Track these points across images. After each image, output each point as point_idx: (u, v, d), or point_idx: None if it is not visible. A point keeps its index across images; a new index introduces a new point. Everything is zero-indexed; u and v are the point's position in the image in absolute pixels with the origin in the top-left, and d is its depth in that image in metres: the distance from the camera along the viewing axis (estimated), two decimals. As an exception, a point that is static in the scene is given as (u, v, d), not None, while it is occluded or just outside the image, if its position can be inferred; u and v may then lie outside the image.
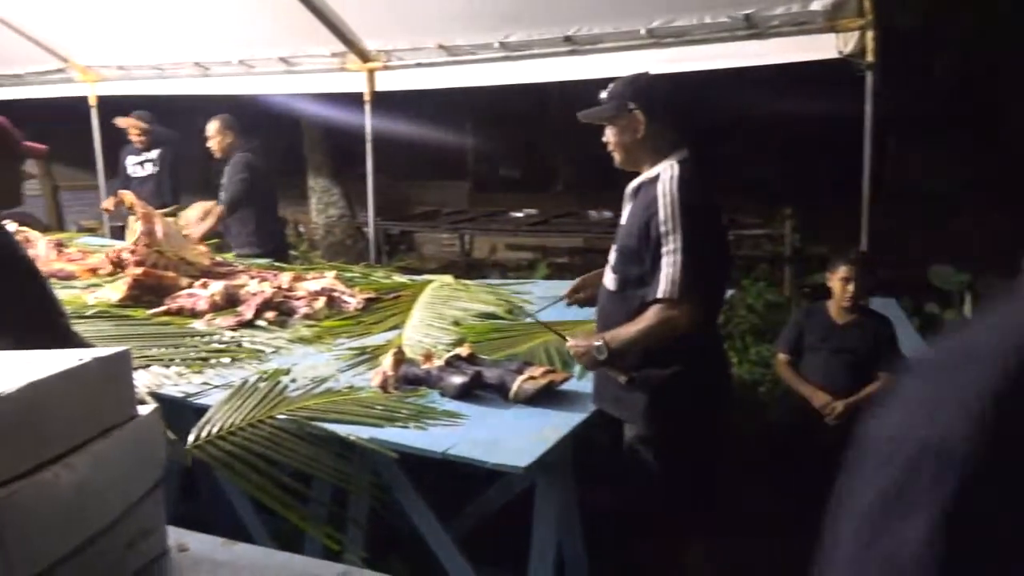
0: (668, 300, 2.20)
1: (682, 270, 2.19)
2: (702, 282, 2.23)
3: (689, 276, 2.19)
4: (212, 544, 1.39)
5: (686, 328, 2.22)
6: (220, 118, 5.43)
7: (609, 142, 2.44)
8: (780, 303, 6.07)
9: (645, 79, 2.47)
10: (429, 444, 2.25)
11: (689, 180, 2.28)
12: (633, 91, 2.37)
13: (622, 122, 2.37)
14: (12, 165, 2.40)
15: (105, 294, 3.89)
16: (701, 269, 2.22)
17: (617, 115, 2.37)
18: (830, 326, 3.56)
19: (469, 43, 5.08)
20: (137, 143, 6.23)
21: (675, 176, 2.28)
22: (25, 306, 2.25)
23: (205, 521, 2.65)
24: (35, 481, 1.08)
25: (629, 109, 2.35)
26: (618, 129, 2.39)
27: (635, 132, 2.35)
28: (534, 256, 9.17)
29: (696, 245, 2.21)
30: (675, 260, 2.20)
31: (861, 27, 3.93)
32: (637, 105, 2.34)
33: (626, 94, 2.37)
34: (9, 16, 6.22)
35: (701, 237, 2.23)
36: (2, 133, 2.40)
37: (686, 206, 2.23)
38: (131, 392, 1.35)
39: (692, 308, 2.22)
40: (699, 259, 2.21)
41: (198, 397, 2.70)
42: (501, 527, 2.65)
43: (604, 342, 2.28)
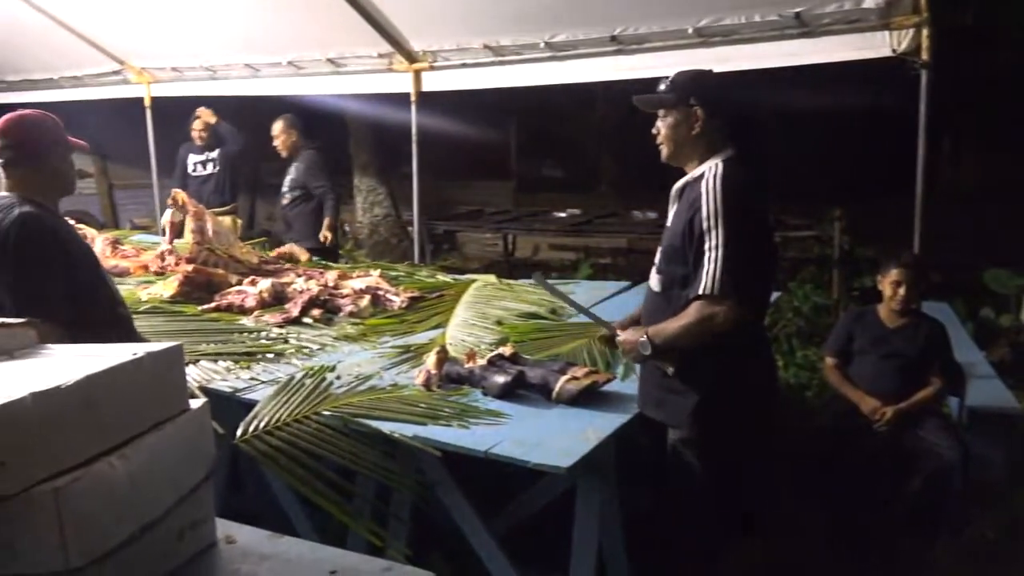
0: (708, 297, 2.19)
1: (723, 267, 2.17)
2: (744, 280, 2.20)
3: (730, 273, 2.16)
4: (259, 537, 1.41)
5: (726, 325, 2.19)
6: (284, 117, 5.65)
7: (659, 134, 2.41)
8: (827, 306, 5.95)
9: (710, 76, 2.46)
10: (472, 443, 2.26)
11: (733, 178, 2.25)
12: (696, 86, 2.35)
13: (679, 115, 2.35)
14: (67, 156, 2.57)
15: (157, 290, 3.99)
16: (743, 267, 2.19)
17: (676, 106, 2.35)
18: (880, 330, 3.48)
19: (515, 43, 5.08)
20: (199, 141, 6.36)
21: (719, 174, 2.26)
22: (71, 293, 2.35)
23: (251, 515, 2.71)
24: (92, 471, 1.12)
25: (690, 104, 2.33)
26: (673, 121, 2.36)
27: (691, 128, 2.34)
28: (577, 256, 9.14)
29: (738, 243, 2.18)
30: (716, 257, 2.18)
31: (916, 24, 3.83)
32: (698, 101, 2.32)
33: (688, 88, 2.34)
34: (69, 20, 6.42)
35: (743, 235, 2.20)
36: (56, 128, 2.52)
37: (728, 204, 2.20)
38: (183, 386, 1.38)
39: (733, 306, 2.19)
40: (741, 257, 2.18)
41: (246, 392, 2.75)
42: (542, 527, 2.65)
43: (648, 337, 2.29)
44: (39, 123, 2.53)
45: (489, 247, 10.09)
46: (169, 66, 6.85)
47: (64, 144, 2.56)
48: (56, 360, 1.29)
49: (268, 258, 4.85)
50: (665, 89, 2.39)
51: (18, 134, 2.48)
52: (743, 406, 2.34)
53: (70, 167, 2.62)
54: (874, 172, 8.03)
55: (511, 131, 12.00)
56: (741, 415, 2.34)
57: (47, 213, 2.48)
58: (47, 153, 2.51)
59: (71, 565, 1.07)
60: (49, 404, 1.07)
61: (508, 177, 11.98)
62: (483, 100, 7.72)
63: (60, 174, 2.57)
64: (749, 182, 2.30)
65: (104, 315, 2.54)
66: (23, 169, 2.48)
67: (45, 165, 2.51)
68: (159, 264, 4.69)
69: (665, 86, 2.39)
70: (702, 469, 2.37)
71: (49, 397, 1.08)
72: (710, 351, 2.27)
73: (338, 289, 4.01)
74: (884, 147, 7.15)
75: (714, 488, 2.38)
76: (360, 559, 1.35)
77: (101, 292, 2.59)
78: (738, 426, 2.34)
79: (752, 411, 2.38)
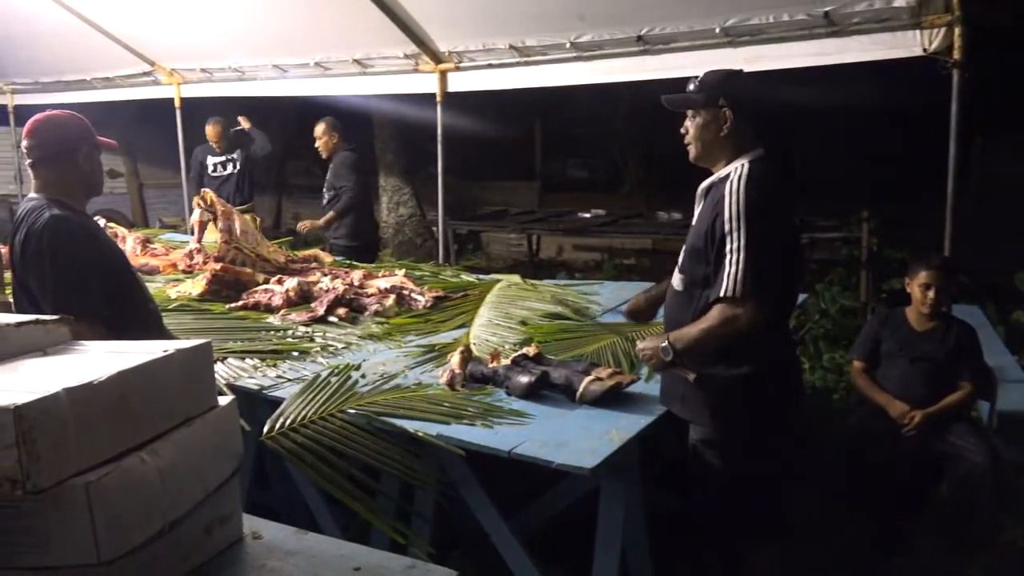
0: (730, 299, 2.17)
1: (744, 269, 2.15)
2: (766, 282, 2.18)
3: (752, 275, 2.15)
4: (285, 533, 1.42)
5: (748, 328, 2.17)
6: (326, 120, 5.77)
7: (687, 134, 2.40)
8: (855, 308, 5.88)
9: (741, 77, 2.43)
10: (495, 443, 2.26)
11: (758, 179, 2.23)
12: (726, 86, 2.33)
13: (708, 115, 2.33)
14: (94, 156, 2.58)
15: (186, 288, 4.04)
16: (765, 269, 2.17)
17: (705, 106, 2.33)
18: (909, 333, 3.43)
19: (540, 43, 5.08)
20: (216, 148, 6.45)
21: (744, 175, 2.24)
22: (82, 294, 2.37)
23: (276, 511, 2.74)
24: (123, 466, 1.13)
25: (719, 104, 2.31)
26: (702, 122, 2.35)
27: (719, 129, 2.32)
28: (601, 257, 9.12)
29: (760, 244, 2.16)
30: (738, 259, 2.16)
31: (948, 23, 3.78)
32: (727, 102, 2.30)
33: (718, 88, 2.32)
34: (101, 22, 6.53)
35: (766, 236, 2.18)
36: (82, 127, 2.54)
37: (751, 205, 2.18)
38: (212, 383, 1.40)
39: (755, 308, 2.17)
40: (763, 259, 2.16)
41: (272, 390, 2.78)
42: (566, 527, 2.65)
43: (669, 343, 2.27)
44: (64, 123, 2.54)
45: (514, 247, 10.10)
46: (199, 67, 6.94)
47: (91, 144, 2.56)
48: (89, 356, 1.31)
49: (295, 257, 4.89)
50: (694, 89, 2.37)
51: (43, 134, 2.50)
52: (765, 407, 2.32)
53: (97, 167, 2.62)
54: (904, 172, 7.94)
55: (536, 131, 12.00)
56: (762, 416, 2.32)
57: (75, 214, 2.50)
58: (72, 153, 2.51)
59: (102, 558, 1.09)
60: (82, 399, 1.09)
61: (533, 177, 11.98)
62: (508, 100, 7.73)
63: (86, 174, 2.57)
64: (775, 183, 2.27)
65: (138, 313, 2.58)
66: (49, 169, 2.50)
67: (71, 165, 2.51)
68: (187, 263, 4.76)
69: (694, 86, 2.37)
70: (723, 469, 2.35)
71: (82, 393, 1.09)
72: (734, 351, 2.26)
73: (363, 288, 4.04)
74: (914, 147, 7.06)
75: (735, 489, 2.36)
76: (384, 556, 1.36)
77: (135, 290, 2.63)
78: (759, 427, 2.33)
79: (774, 413, 2.36)
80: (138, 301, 2.62)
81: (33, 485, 1.03)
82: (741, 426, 2.32)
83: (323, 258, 4.99)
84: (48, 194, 2.49)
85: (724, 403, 2.31)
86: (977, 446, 3.17)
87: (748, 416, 2.31)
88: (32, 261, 2.42)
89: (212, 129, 6.41)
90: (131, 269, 2.69)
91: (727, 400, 2.30)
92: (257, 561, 1.33)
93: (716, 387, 2.30)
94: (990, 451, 3.15)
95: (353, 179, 5.62)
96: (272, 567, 1.31)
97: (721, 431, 2.34)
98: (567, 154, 12.29)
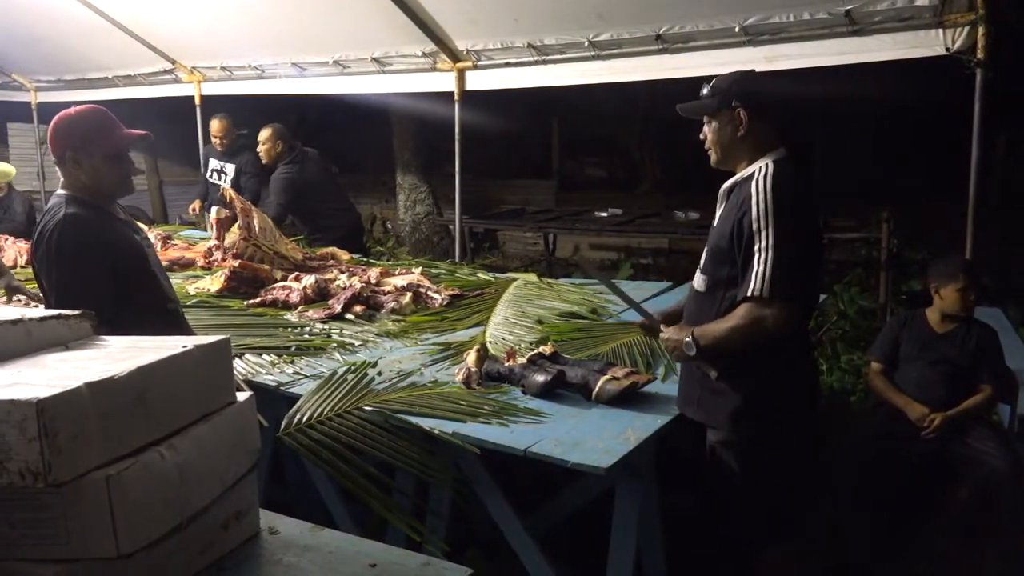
0: (759, 298, 2.15)
1: (773, 268, 2.13)
2: (795, 282, 2.16)
3: (781, 275, 2.13)
4: (301, 529, 1.43)
5: (776, 328, 2.15)
6: (273, 127, 5.55)
7: (706, 139, 2.39)
8: (874, 310, 5.83)
9: (752, 77, 2.42)
10: (511, 441, 2.26)
11: (784, 178, 2.21)
12: (739, 88, 2.32)
13: (724, 118, 2.32)
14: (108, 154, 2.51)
15: (205, 284, 4.08)
16: (794, 269, 2.15)
17: (720, 110, 2.32)
18: (929, 335, 3.40)
19: (558, 42, 5.08)
20: (219, 147, 6.39)
21: (769, 174, 2.22)
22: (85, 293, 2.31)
23: (292, 507, 2.75)
24: (142, 460, 1.15)
25: (732, 106, 2.30)
26: (718, 126, 2.34)
27: (736, 130, 2.31)
28: (618, 256, 9.10)
29: (789, 244, 2.14)
30: (767, 258, 2.14)
31: (972, 22, 3.74)
32: (741, 103, 2.29)
33: (731, 91, 2.31)
34: (123, 20, 6.59)
35: (794, 236, 2.16)
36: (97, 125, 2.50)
37: (779, 204, 2.16)
38: (230, 379, 1.41)
39: (783, 307, 2.15)
40: (792, 258, 2.15)
41: (289, 386, 2.80)
42: (581, 526, 2.65)
43: (693, 337, 2.26)
44: (77, 120, 2.48)
45: (530, 246, 10.10)
46: (219, 65, 6.99)
47: (105, 142, 2.48)
48: (110, 351, 1.32)
49: (312, 254, 4.92)
50: (707, 94, 2.36)
51: (54, 133, 2.47)
52: (783, 410, 2.31)
53: (112, 165, 2.51)
54: (925, 172, 7.86)
55: (553, 130, 11.98)
56: (781, 419, 2.31)
57: (93, 213, 2.48)
58: (74, 152, 2.46)
59: (121, 551, 1.10)
60: (103, 394, 1.10)
61: (550, 176, 11.96)
62: (526, 99, 7.73)
63: (101, 173, 2.49)
64: (800, 182, 2.26)
65: (152, 312, 2.56)
66: (64, 168, 2.49)
67: (77, 164, 2.46)
68: (206, 259, 4.79)
69: (707, 91, 2.37)
70: (740, 472, 2.34)
71: (103, 387, 1.11)
72: (754, 354, 2.24)
73: (380, 286, 4.06)
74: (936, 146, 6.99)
75: (753, 491, 2.35)
76: (400, 553, 1.36)
77: (148, 290, 2.60)
78: (778, 430, 2.31)
79: (790, 416, 2.35)
80: (154, 301, 2.60)
81: (54, 478, 1.04)
82: (759, 428, 2.31)
83: (340, 256, 5.01)
84: (71, 191, 2.51)
85: (742, 405, 2.29)
86: (998, 450, 3.13)
87: (766, 418, 2.30)
88: (43, 259, 2.45)
89: (216, 124, 6.29)
90: (148, 269, 2.62)
91: (745, 402, 2.29)
92: (273, 556, 1.34)
93: (734, 389, 2.29)
94: (1010, 454, 3.11)
95: (283, 199, 5.35)
96: (288, 562, 1.32)
97: (739, 433, 2.33)
98: (584, 153, 12.26)
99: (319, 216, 5.59)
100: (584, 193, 10.99)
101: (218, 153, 6.35)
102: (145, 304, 2.54)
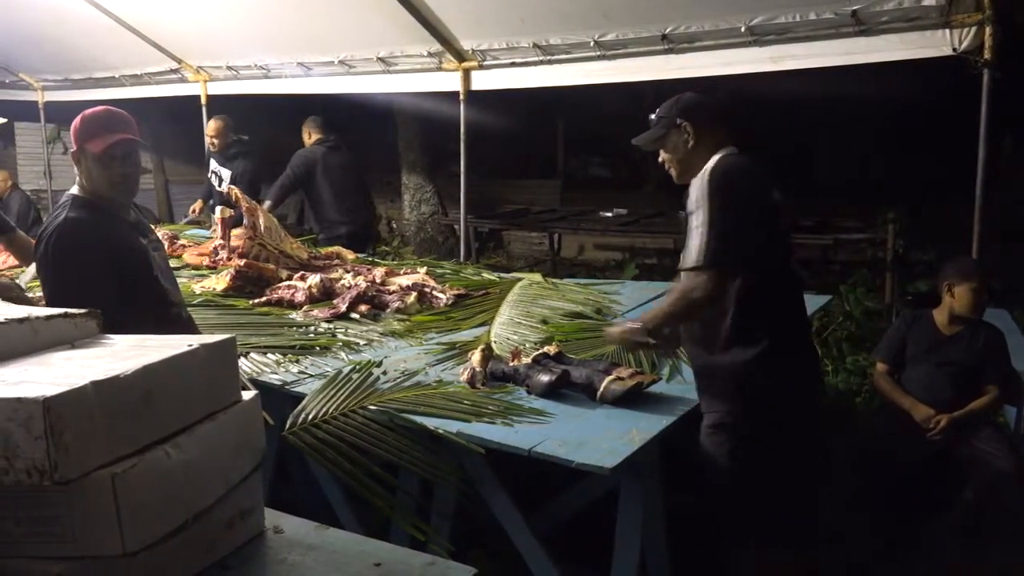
0: (691, 268, 2.31)
1: (705, 240, 2.28)
2: (730, 252, 2.28)
3: (712, 245, 2.27)
4: (305, 528, 1.43)
5: (708, 293, 2.30)
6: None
7: (666, 162, 2.57)
8: (879, 311, 5.81)
9: (688, 96, 2.58)
10: (515, 441, 2.26)
11: (723, 166, 2.37)
12: (679, 108, 2.52)
13: (673, 138, 2.51)
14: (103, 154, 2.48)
15: (210, 284, 4.08)
16: (728, 240, 2.28)
17: (667, 132, 2.52)
18: (935, 336, 3.39)
19: (564, 42, 5.07)
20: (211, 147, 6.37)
21: (710, 167, 2.38)
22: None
23: (296, 506, 2.75)
24: (148, 458, 1.15)
25: (678, 124, 2.49)
26: (671, 146, 2.53)
27: (686, 143, 2.49)
28: (623, 256, 9.09)
29: (722, 218, 2.29)
30: (700, 233, 2.29)
31: (979, 22, 3.73)
32: (684, 118, 2.48)
33: (673, 112, 2.52)
34: (130, 20, 6.61)
35: (729, 211, 2.29)
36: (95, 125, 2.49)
37: (715, 185, 2.31)
38: (236, 378, 1.41)
39: (716, 275, 2.29)
40: (726, 231, 2.28)
41: (294, 385, 2.80)
42: (585, 527, 2.65)
43: (642, 323, 2.42)
44: (83, 120, 2.49)
45: (535, 246, 10.10)
46: (224, 65, 7.01)
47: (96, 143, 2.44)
48: (116, 350, 1.33)
49: (317, 254, 4.92)
50: (653, 123, 2.58)
51: (71, 131, 2.51)
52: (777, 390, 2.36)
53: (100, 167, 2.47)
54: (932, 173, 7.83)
55: (558, 130, 11.97)
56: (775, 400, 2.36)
57: (96, 215, 2.47)
58: (80, 151, 2.46)
59: (127, 549, 1.10)
60: (109, 392, 1.10)
61: (555, 176, 11.95)
62: (531, 99, 7.72)
63: (92, 173, 2.48)
64: (740, 166, 2.40)
65: (154, 317, 2.50)
66: (76, 166, 2.52)
67: (81, 163, 2.48)
68: (211, 258, 4.80)
69: (653, 120, 2.58)
70: (731, 457, 2.38)
71: (109, 386, 1.11)
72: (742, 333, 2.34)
73: (385, 286, 4.06)
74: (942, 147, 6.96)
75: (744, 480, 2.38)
76: (404, 553, 1.36)
77: (151, 295, 2.57)
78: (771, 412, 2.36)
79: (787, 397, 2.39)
80: (156, 306, 2.57)
81: (60, 476, 1.04)
82: (750, 408, 2.36)
83: (345, 255, 5.02)
84: (80, 192, 2.51)
85: (734, 386, 2.36)
86: (1003, 452, 3.12)
87: (759, 398, 2.35)
88: (40, 261, 2.46)
89: (211, 124, 6.29)
90: (151, 273, 2.58)
91: (737, 383, 2.36)
92: (278, 555, 1.34)
93: (725, 371, 2.37)
94: (1016, 457, 3.10)
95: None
96: (293, 561, 1.32)
97: (731, 415, 2.38)
98: (589, 153, 12.24)
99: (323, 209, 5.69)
100: (589, 193, 10.97)
101: (217, 155, 6.34)
102: (147, 308, 2.51)
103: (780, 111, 7.61)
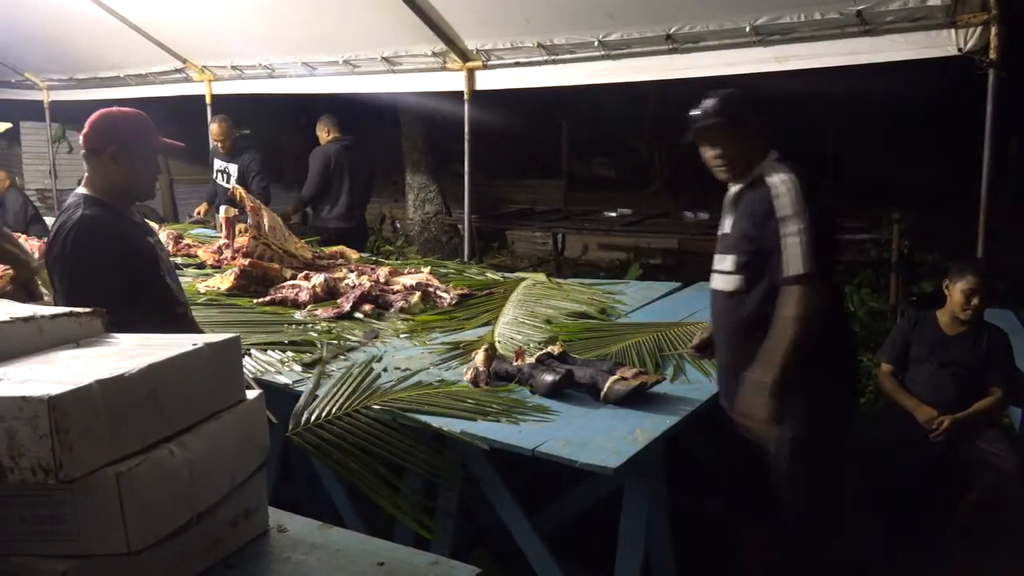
0: (802, 276, 2.23)
1: (809, 246, 2.22)
2: (827, 262, 2.27)
3: (815, 253, 2.23)
4: (309, 527, 1.44)
5: (820, 304, 2.24)
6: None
7: (717, 159, 2.45)
8: (884, 311, 5.80)
9: (740, 93, 2.51)
10: (519, 441, 2.26)
11: (800, 172, 2.33)
12: (743, 103, 2.45)
13: (739, 134, 2.42)
14: (135, 158, 2.52)
15: (215, 283, 4.09)
16: (823, 247, 2.26)
17: (734, 125, 2.41)
18: (939, 337, 3.38)
19: (568, 42, 5.07)
20: (220, 148, 6.39)
21: (782, 169, 2.33)
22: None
23: (300, 505, 2.76)
24: (152, 457, 1.15)
25: (740, 122, 2.41)
26: (735, 142, 2.42)
27: (751, 143, 2.42)
28: (627, 256, 9.08)
29: (817, 227, 2.25)
30: (801, 240, 2.23)
31: (985, 22, 3.71)
32: (748, 116, 2.42)
33: (741, 106, 2.44)
34: (135, 19, 6.62)
35: (820, 222, 2.27)
36: (130, 129, 2.52)
37: (803, 191, 2.27)
38: (240, 377, 1.41)
39: (820, 283, 2.25)
40: (820, 237, 2.25)
41: (299, 385, 2.80)
42: (589, 526, 2.64)
43: (758, 379, 2.28)
44: (124, 119, 2.51)
45: (539, 246, 10.09)
46: (229, 64, 7.02)
47: (123, 144, 2.48)
48: (121, 349, 1.33)
49: (321, 253, 4.93)
50: (712, 115, 2.44)
51: (99, 127, 2.48)
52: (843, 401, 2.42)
53: (149, 168, 2.55)
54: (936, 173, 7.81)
55: (562, 130, 11.97)
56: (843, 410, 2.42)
57: (109, 214, 2.48)
58: (99, 152, 2.47)
59: (131, 547, 1.11)
60: (114, 391, 1.11)
61: (559, 176, 11.95)
62: (535, 99, 7.72)
63: (138, 173, 2.52)
64: (809, 172, 2.36)
65: (161, 315, 2.52)
66: (90, 166, 2.51)
67: (122, 161, 2.47)
68: (216, 258, 4.81)
69: (711, 111, 2.44)
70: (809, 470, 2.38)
71: (114, 384, 1.11)
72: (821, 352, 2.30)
73: (389, 285, 4.06)
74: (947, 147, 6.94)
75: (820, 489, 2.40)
76: (408, 552, 1.37)
77: (158, 293, 2.58)
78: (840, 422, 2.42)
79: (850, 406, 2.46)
80: (163, 304, 2.57)
81: (65, 474, 1.05)
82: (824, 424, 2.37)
83: (349, 255, 5.03)
84: (90, 191, 2.51)
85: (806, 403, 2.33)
86: (1008, 453, 3.11)
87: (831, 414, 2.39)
88: (56, 259, 2.46)
89: (215, 127, 6.30)
90: (159, 272, 2.60)
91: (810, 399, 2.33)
92: (282, 554, 1.35)
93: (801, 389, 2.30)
94: (1020, 457, 3.09)
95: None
96: (297, 560, 1.32)
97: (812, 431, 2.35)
98: (593, 153, 12.24)
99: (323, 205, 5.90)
100: (593, 193, 10.97)
101: (221, 154, 6.38)
102: (154, 307, 2.52)
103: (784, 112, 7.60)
